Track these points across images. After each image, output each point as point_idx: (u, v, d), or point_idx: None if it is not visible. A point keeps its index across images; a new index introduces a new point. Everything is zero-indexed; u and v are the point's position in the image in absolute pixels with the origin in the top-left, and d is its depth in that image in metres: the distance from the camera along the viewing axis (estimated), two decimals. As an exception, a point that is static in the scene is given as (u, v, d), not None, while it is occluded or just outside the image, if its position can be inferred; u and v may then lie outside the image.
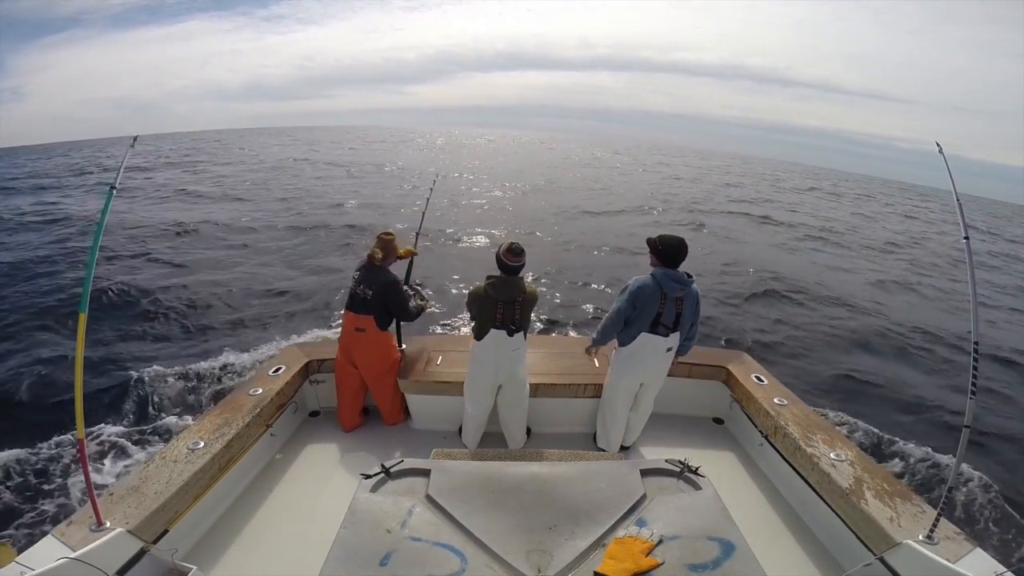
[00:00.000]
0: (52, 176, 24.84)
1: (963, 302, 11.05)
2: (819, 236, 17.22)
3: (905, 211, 33.52)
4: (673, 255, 2.59)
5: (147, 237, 11.66)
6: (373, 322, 2.96)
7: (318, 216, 14.78)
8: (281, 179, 23.50)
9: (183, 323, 7.20)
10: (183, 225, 12.76)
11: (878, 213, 29.27)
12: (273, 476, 2.77)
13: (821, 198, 33.88)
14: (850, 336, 7.98)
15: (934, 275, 13.54)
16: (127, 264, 9.63)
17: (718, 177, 43.41)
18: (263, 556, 2.24)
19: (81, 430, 1.65)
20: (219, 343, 6.45)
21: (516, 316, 2.66)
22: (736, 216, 20.28)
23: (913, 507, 2.03)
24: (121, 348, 6.32)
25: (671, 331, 2.67)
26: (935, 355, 7.63)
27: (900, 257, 15.59)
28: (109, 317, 7.14)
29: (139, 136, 1.81)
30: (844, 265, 13.34)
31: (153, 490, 2.02)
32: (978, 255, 17.56)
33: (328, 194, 19.29)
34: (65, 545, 1.70)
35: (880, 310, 9.53)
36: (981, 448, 4.99)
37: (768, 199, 28.74)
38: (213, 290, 8.41)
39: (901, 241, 18.94)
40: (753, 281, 10.40)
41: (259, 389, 2.87)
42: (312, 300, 8.13)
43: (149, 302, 7.68)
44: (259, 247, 11.43)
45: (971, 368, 1.65)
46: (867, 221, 24.16)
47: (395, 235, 3.05)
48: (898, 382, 6.52)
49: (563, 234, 13.88)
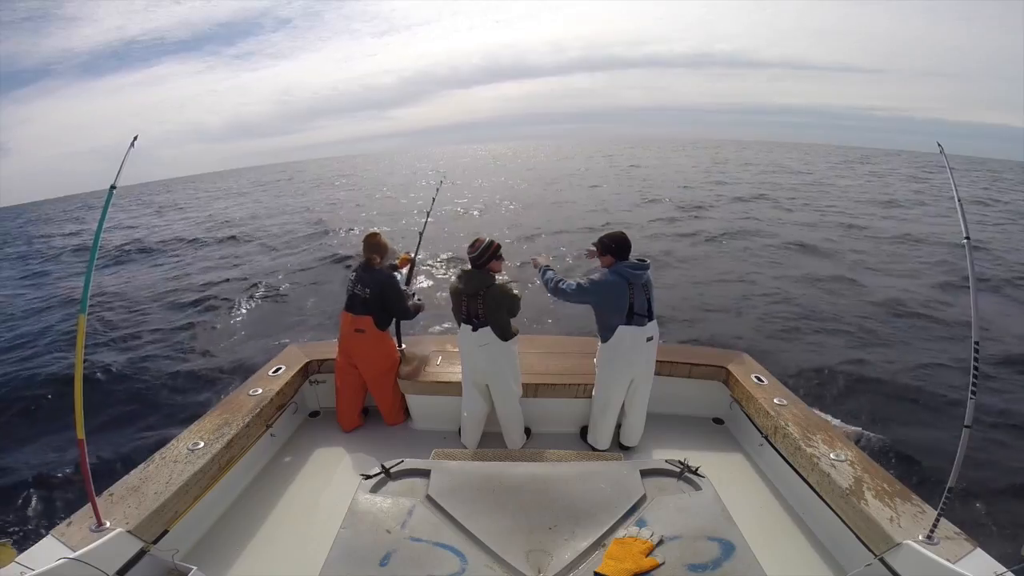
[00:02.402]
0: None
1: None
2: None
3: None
4: (625, 248, 2.71)
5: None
6: (372, 322, 2.96)
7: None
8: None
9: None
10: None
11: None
12: (273, 476, 2.77)
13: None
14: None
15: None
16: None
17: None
18: (263, 556, 2.24)
19: (81, 430, 1.65)
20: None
21: (479, 310, 2.66)
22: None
23: (913, 507, 2.03)
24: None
25: (647, 319, 2.72)
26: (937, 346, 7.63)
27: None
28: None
29: (137, 136, 1.81)
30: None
31: (153, 490, 2.02)
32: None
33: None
34: (65, 545, 1.70)
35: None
36: (982, 448, 4.99)
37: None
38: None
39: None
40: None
41: (259, 389, 2.87)
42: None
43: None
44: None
45: (971, 368, 1.65)
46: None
47: (379, 233, 3.08)
48: (898, 378, 6.53)
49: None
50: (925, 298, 9.22)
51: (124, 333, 7.89)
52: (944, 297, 9.27)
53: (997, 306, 8.97)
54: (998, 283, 10.10)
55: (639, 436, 3.05)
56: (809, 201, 21.61)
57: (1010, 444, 5.04)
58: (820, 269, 10.96)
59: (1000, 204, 23.36)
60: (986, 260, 11.72)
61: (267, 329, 7.97)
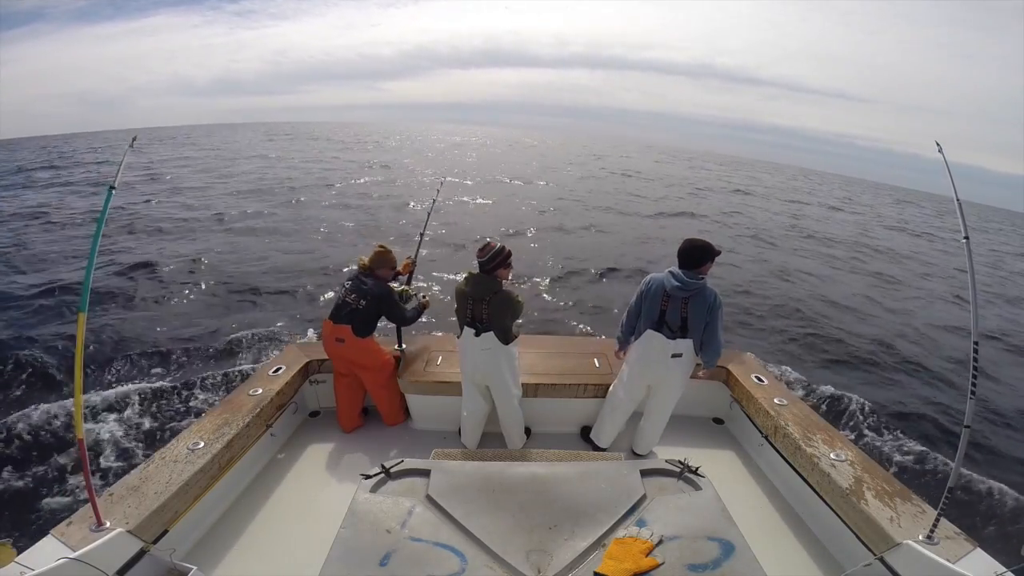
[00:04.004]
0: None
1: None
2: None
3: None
4: (683, 256, 2.55)
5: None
6: (350, 331, 2.89)
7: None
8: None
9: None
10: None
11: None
12: (273, 476, 2.77)
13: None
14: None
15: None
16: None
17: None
18: (263, 556, 2.24)
19: (80, 430, 1.65)
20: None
21: (483, 314, 2.64)
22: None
23: (913, 507, 2.03)
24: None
25: (677, 335, 2.59)
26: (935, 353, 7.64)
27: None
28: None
29: (136, 137, 1.81)
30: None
31: (153, 490, 2.02)
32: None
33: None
34: (65, 545, 1.70)
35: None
36: (982, 447, 4.99)
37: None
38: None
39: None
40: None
41: (259, 389, 2.87)
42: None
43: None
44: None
45: (971, 368, 1.65)
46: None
47: (389, 250, 3.04)
48: (896, 379, 6.53)
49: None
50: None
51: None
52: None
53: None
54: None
55: (650, 446, 2.99)
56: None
57: (1010, 444, 5.04)
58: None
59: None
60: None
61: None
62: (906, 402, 5.98)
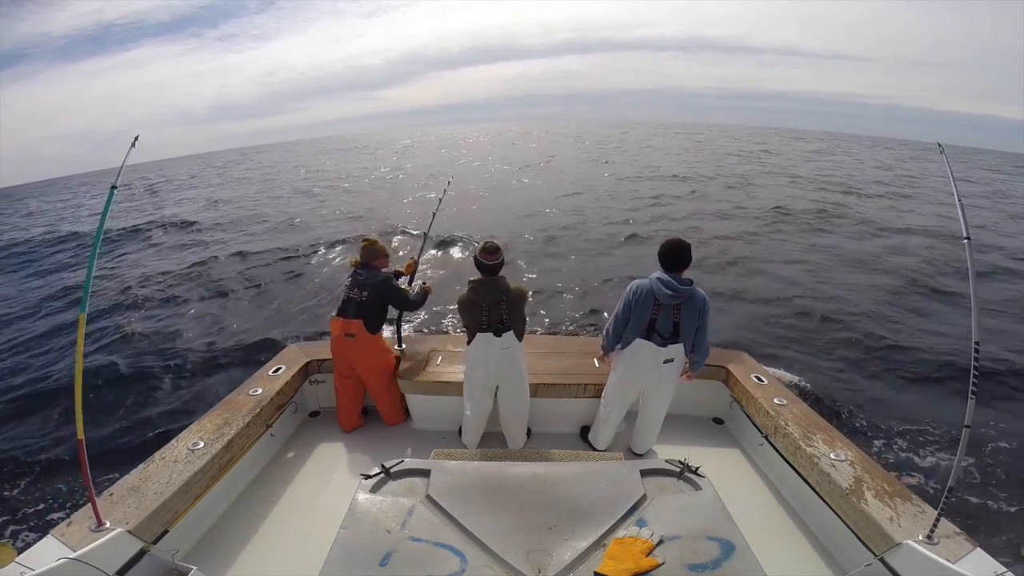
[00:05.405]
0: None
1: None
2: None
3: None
4: (669, 258, 2.49)
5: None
6: (362, 326, 2.91)
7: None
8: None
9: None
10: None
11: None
12: (273, 476, 2.77)
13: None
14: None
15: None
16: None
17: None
18: (263, 556, 2.24)
19: (81, 430, 1.65)
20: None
21: (503, 316, 2.63)
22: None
23: (913, 507, 2.03)
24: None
25: (668, 341, 2.55)
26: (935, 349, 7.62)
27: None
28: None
29: (138, 136, 1.81)
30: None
31: (153, 490, 2.02)
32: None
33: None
34: (65, 545, 1.70)
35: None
36: (982, 447, 4.99)
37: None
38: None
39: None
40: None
41: (259, 389, 2.87)
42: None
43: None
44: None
45: (972, 368, 1.65)
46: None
47: (375, 239, 3.07)
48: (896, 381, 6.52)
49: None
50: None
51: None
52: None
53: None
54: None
55: (647, 446, 3.00)
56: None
57: (1010, 444, 5.04)
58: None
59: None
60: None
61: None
62: (906, 402, 5.97)
